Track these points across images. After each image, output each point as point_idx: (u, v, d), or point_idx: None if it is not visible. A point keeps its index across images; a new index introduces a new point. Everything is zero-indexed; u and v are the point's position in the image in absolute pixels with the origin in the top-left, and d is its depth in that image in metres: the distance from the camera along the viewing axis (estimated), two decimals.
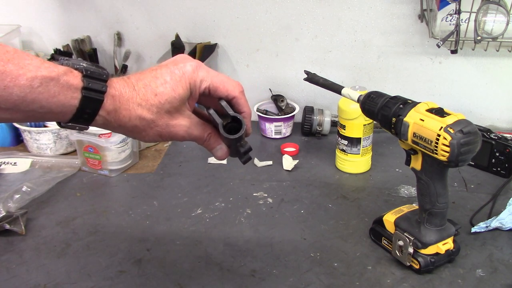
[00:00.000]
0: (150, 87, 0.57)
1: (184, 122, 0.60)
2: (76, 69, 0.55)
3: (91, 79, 0.54)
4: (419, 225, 0.84)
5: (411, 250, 0.82)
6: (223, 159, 0.67)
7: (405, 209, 0.90)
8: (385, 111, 0.82)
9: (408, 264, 0.83)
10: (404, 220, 0.86)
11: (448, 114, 0.75)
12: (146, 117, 0.58)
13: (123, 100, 0.56)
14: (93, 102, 0.54)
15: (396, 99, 0.82)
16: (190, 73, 0.59)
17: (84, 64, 0.55)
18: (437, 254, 0.83)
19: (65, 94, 0.53)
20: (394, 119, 0.80)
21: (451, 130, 0.73)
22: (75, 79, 0.54)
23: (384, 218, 0.90)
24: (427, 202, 0.82)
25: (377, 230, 0.91)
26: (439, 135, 0.74)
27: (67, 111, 0.54)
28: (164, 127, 0.59)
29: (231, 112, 0.61)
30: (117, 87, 0.57)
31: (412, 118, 0.78)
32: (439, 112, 0.76)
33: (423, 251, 0.82)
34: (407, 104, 0.80)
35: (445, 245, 0.83)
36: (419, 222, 0.84)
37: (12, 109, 0.51)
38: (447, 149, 0.73)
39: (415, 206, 0.90)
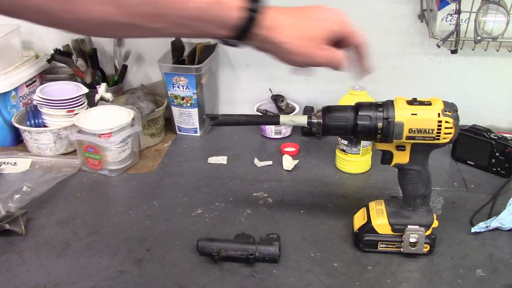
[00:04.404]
0: (300, 19, 0.69)
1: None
2: None
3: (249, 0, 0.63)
4: (415, 212, 0.86)
5: (423, 238, 0.85)
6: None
7: (379, 206, 0.90)
8: (364, 120, 0.80)
9: (423, 251, 0.86)
10: (397, 217, 0.87)
11: (426, 102, 0.80)
12: (298, 35, 0.68)
13: (277, 21, 0.66)
14: (250, 20, 0.63)
15: (363, 106, 0.81)
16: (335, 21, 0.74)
17: None
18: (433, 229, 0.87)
19: (227, 13, 0.62)
20: (380, 124, 0.80)
21: (449, 113, 0.78)
22: (236, 1, 0.62)
23: (374, 224, 0.88)
24: (420, 187, 0.85)
25: (371, 239, 0.88)
26: (440, 121, 0.78)
27: (228, 27, 0.63)
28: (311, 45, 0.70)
29: None
30: (271, 12, 0.65)
31: (403, 116, 0.79)
32: (419, 102, 0.80)
33: (428, 232, 0.86)
34: (384, 107, 0.80)
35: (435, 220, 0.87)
36: (412, 210, 0.86)
37: (183, 25, 0.61)
38: (452, 130, 0.78)
39: (382, 200, 0.91)
